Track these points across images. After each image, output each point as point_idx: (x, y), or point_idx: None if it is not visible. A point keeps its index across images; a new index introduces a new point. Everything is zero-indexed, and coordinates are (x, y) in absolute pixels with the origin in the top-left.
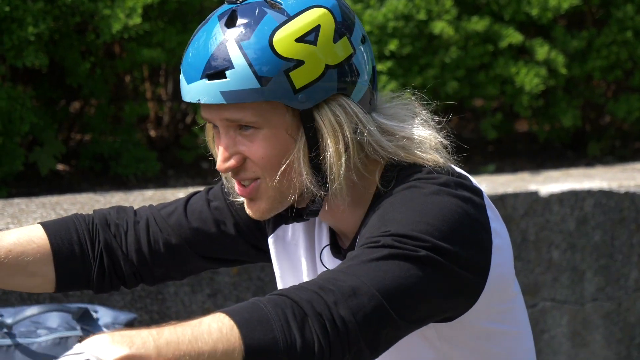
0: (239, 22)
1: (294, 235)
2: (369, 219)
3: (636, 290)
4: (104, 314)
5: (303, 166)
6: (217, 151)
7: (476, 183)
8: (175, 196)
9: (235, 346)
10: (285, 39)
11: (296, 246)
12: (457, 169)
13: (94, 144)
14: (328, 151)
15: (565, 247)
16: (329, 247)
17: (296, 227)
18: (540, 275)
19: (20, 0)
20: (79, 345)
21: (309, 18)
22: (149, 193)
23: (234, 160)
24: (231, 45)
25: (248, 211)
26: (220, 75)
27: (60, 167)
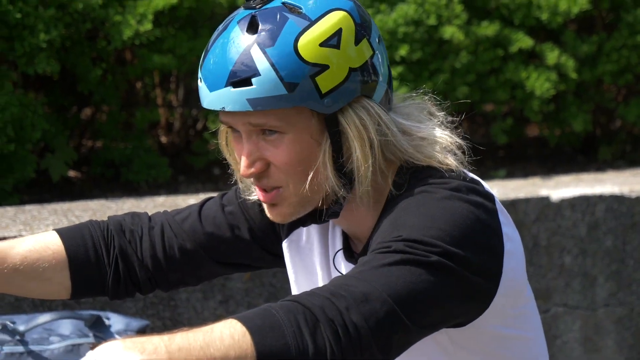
0: (260, 28)
1: (308, 239)
2: (381, 222)
3: None
4: (116, 321)
5: (330, 170)
6: (237, 156)
7: (488, 188)
8: (186, 202)
9: (248, 353)
10: (309, 43)
11: (310, 250)
12: (469, 174)
13: (105, 151)
14: (354, 154)
15: (577, 253)
16: (342, 252)
17: (310, 231)
18: (552, 281)
19: (32, 8)
20: (92, 353)
21: (330, 22)
22: (161, 199)
23: (257, 166)
24: (255, 51)
25: (269, 215)
26: (246, 82)
27: (71, 173)
